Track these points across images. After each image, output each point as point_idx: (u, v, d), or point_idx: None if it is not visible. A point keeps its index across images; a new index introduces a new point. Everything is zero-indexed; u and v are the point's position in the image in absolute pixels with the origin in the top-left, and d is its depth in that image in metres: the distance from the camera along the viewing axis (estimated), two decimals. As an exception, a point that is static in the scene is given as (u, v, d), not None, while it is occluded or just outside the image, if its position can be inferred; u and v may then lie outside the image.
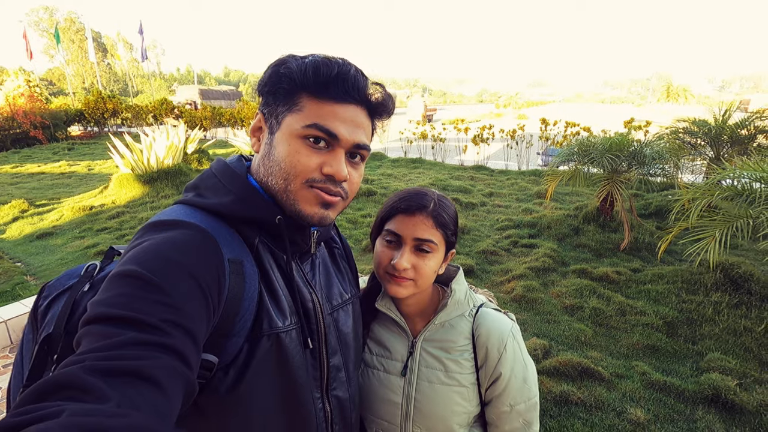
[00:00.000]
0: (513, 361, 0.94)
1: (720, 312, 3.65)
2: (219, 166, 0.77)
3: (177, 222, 0.64)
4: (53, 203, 8.11)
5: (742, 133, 5.69)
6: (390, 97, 0.77)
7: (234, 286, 0.65)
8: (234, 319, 0.65)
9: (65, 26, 55.85)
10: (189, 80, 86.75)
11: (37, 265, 5.25)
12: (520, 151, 10.97)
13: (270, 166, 0.71)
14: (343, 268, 0.93)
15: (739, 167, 3.72)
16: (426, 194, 0.96)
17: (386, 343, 1.02)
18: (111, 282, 0.55)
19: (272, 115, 0.72)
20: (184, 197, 0.74)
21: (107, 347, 0.46)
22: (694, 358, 3.22)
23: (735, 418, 2.60)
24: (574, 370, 2.95)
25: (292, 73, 0.69)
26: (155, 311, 0.51)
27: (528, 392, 0.96)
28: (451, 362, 0.95)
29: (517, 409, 0.95)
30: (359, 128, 0.73)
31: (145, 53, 24.51)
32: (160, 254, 0.58)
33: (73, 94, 29.30)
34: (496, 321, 0.97)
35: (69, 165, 12.22)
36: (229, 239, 0.68)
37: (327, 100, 0.69)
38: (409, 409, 0.95)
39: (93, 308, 0.51)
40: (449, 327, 0.98)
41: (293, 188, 0.70)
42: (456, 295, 0.99)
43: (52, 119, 17.81)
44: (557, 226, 5.83)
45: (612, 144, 5.39)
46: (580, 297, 4.04)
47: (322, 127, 0.68)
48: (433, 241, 0.92)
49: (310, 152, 0.69)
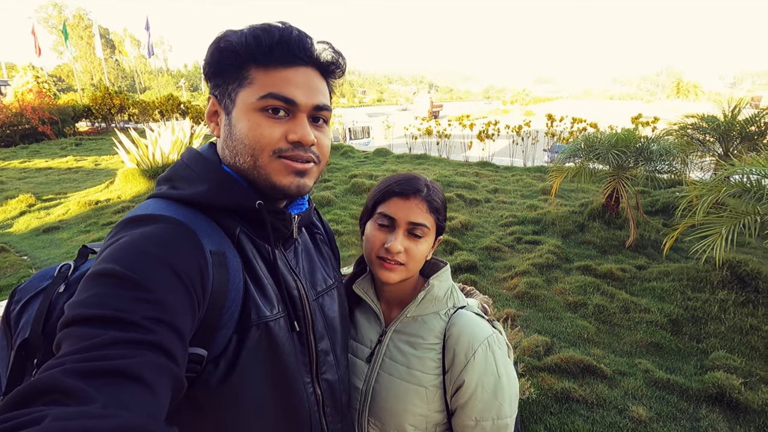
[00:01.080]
0: (482, 372, 0.87)
1: (726, 310, 3.59)
2: (190, 155, 0.74)
3: (153, 216, 0.62)
4: (60, 198, 8.20)
5: (751, 129, 5.58)
6: (340, 54, 0.74)
7: (218, 278, 0.63)
8: (221, 312, 0.64)
9: (74, 23, 56.21)
10: (196, 76, 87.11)
11: (43, 258, 5.30)
12: (525, 147, 10.88)
13: (234, 146, 0.69)
14: (326, 253, 0.92)
15: (748, 163, 3.65)
16: (419, 179, 0.95)
17: (360, 328, 1.01)
18: (88, 282, 0.53)
19: (224, 95, 0.70)
20: (157, 190, 0.72)
21: (88, 348, 0.45)
22: (698, 356, 3.17)
23: (739, 417, 2.56)
24: (576, 367, 2.93)
25: (233, 46, 0.66)
26: (136, 309, 0.50)
27: (498, 410, 0.87)
28: (415, 359, 0.92)
29: (483, 426, 0.87)
30: (315, 90, 0.71)
31: (151, 49, 24.62)
32: (137, 250, 0.56)
33: (81, 91, 29.55)
34: (471, 325, 0.91)
35: (76, 160, 12.34)
36: (208, 231, 0.66)
37: (275, 66, 0.67)
38: (367, 397, 0.94)
39: (71, 310, 0.50)
40: (421, 322, 0.95)
41: (262, 162, 0.68)
42: (434, 290, 0.95)
43: (60, 115, 17.99)
44: (562, 222, 5.78)
45: (618, 140, 5.32)
46: (583, 294, 4.01)
47: (278, 95, 0.66)
48: (426, 226, 0.91)
49: (272, 123, 0.67)
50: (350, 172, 8.92)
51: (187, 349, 0.55)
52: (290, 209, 0.78)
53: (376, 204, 0.95)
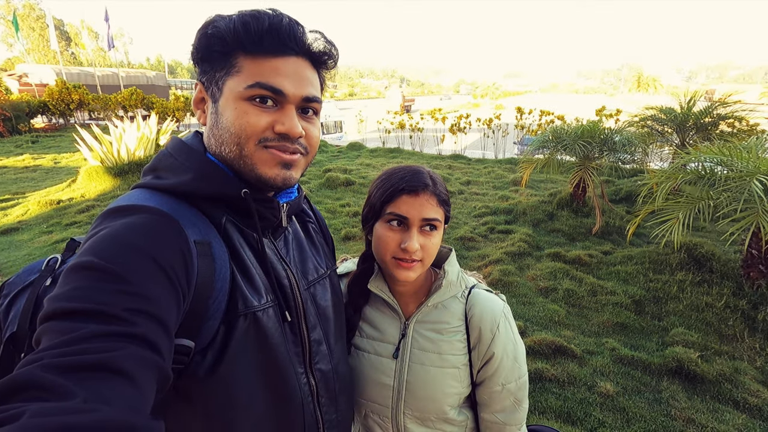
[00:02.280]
0: (505, 341, 0.94)
1: (684, 290, 3.83)
2: (174, 144, 0.73)
3: (135, 207, 0.61)
4: (18, 198, 7.77)
5: (705, 120, 5.92)
6: (333, 44, 0.73)
7: (203, 268, 0.62)
8: (207, 302, 0.63)
9: (24, 13, 52.93)
10: (160, 70, 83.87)
11: (2, 261, 5.04)
12: (496, 140, 11.12)
13: (220, 135, 0.68)
14: (318, 242, 0.91)
15: (703, 152, 3.88)
16: (423, 172, 0.93)
17: (378, 326, 1.00)
18: (68, 275, 0.51)
19: (212, 83, 0.68)
20: (142, 181, 0.70)
21: (68, 342, 0.44)
22: (659, 333, 3.38)
23: (696, 387, 2.76)
24: (548, 349, 3.06)
25: (221, 32, 0.65)
26: (117, 301, 0.49)
27: (518, 371, 0.95)
28: (444, 344, 0.94)
29: (509, 388, 0.94)
30: (305, 81, 0.69)
31: (111, 41, 23.48)
32: (117, 241, 0.55)
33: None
34: (489, 302, 0.96)
35: (33, 158, 11.69)
36: (193, 220, 0.65)
37: (264, 55, 0.66)
38: (401, 392, 0.94)
39: (50, 304, 0.49)
40: (442, 308, 0.97)
41: (248, 151, 0.67)
42: (449, 276, 0.97)
43: (14, 111, 16.94)
44: (532, 212, 5.97)
45: (584, 131, 5.53)
46: (554, 279, 4.17)
47: (266, 85, 0.65)
48: (438, 219, 0.91)
49: (259, 112, 0.66)
50: (324, 167, 8.88)
51: (172, 341, 0.54)
52: (278, 197, 0.77)
53: (384, 204, 0.91)
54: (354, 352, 1.00)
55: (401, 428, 0.96)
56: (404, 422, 0.96)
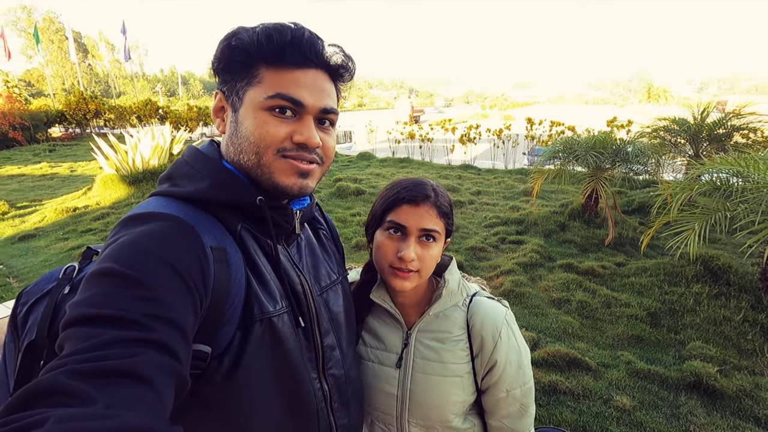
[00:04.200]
0: (508, 348, 0.94)
1: (700, 303, 3.76)
2: (191, 152, 0.74)
3: (152, 214, 0.62)
4: (35, 205, 7.94)
5: (719, 131, 5.87)
6: (350, 58, 0.75)
7: (219, 274, 0.63)
8: (223, 308, 0.64)
9: (44, 26, 54.52)
10: (173, 81, 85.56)
11: (19, 267, 5.14)
12: (506, 150, 11.11)
13: (239, 143, 0.69)
14: (330, 249, 0.92)
15: (718, 163, 3.85)
16: (426, 184, 0.95)
17: (381, 335, 1.01)
18: (88, 281, 0.53)
19: (232, 92, 0.70)
20: (158, 188, 0.72)
21: (89, 348, 0.45)
22: (676, 347, 3.32)
23: (716, 403, 2.69)
24: (562, 361, 3.02)
25: (244, 44, 0.66)
26: (136, 307, 0.50)
27: (523, 377, 0.96)
28: (446, 352, 0.95)
29: (513, 394, 0.95)
30: (323, 92, 0.71)
31: (128, 53, 24.08)
32: (136, 248, 0.56)
33: (53, 95, 28.65)
34: (490, 309, 0.97)
35: (50, 167, 11.96)
36: (209, 227, 0.66)
37: (285, 67, 0.67)
38: (405, 401, 0.95)
39: (72, 310, 0.50)
40: (444, 317, 0.97)
41: (266, 160, 0.68)
42: (450, 285, 0.98)
43: (32, 120, 17.41)
44: (544, 222, 5.94)
45: (596, 142, 5.52)
46: (566, 291, 4.13)
47: (286, 96, 0.67)
48: (437, 231, 0.91)
49: (278, 122, 0.67)
50: (334, 176, 8.95)
51: (190, 346, 0.55)
52: (292, 205, 0.78)
53: (385, 212, 0.93)
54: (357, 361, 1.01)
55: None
56: (409, 430, 0.96)
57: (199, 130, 18.83)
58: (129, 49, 24.51)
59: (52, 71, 54.07)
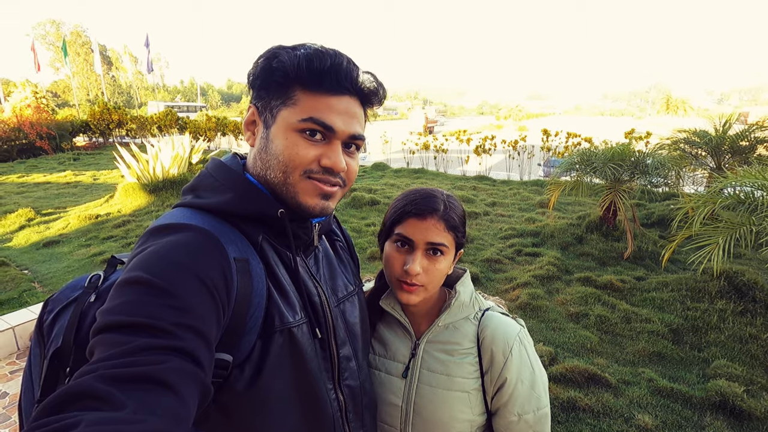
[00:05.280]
0: (519, 366, 0.91)
1: (725, 319, 3.66)
2: (215, 165, 0.76)
3: (178, 225, 0.64)
4: (59, 212, 8.18)
5: (742, 143, 5.75)
6: (381, 86, 0.77)
7: (242, 284, 0.65)
8: (245, 318, 0.65)
9: (71, 39, 56.71)
10: (193, 92, 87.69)
11: (43, 272, 5.28)
12: (521, 161, 11.04)
13: (267, 159, 0.71)
14: (346, 260, 0.93)
15: (741, 176, 3.76)
16: (435, 196, 0.94)
17: (389, 344, 1.00)
18: (118, 290, 0.55)
19: (266, 109, 0.72)
20: (183, 200, 0.74)
21: (119, 354, 0.46)
22: (700, 365, 3.22)
23: (743, 424, 2.60)
24: (580, 377, 2.96)
25: (285, 66, 0.68)
26: (165, 315, 0.51)
27: (537, 401, 0.91)
28: (454, 366, 0.92)
29: (526, 419, 0.90)
30: (354, 119, 0.73)
31: (151, 65, 24.85)
32: (164, 258, 0.58)
33: (78, 106, 29.65)
34: (502, 324, 0.94)
35: (74, 175, 12.32)
36: (232, 238, 0.67)
37: (321, 92, 0.69)
38: (409, 413, 0.93)
39: (102, 317, 0.52)
40: (453, 329, 0.96)
41: (292, 180, 0.70)
42: (461, 297, 0.96)
43: (58, 130, 18.02)
44: (560, 234, 5.86)
45: (614, 154, 5.45)
46: (584, 304, 4.06)
47: (319, 121, 0.69)
48: (445, 245, 0.90)
49: (308, 145, 0.69)
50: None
51: (213, 355, 0.56)
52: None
53: (393, 224, 0.94)
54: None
55: None
56: None
57: (217, 140, 19.21)
58: (151, 61, 25.28)
59: (77, 83, 56.05)
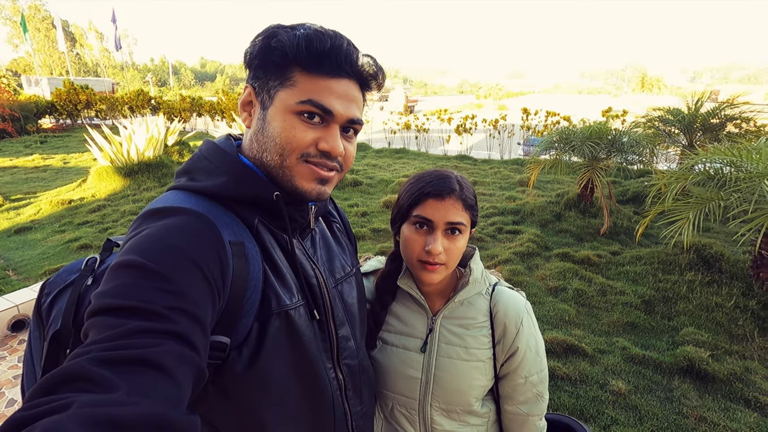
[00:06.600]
0: (528, 336, 0.99)
1: (693, 290, 3.86)
2: (208, 147, 0.75)
3: (173, 209, 0.64)
4: (29, 197, 7.87)
5: (713, 121, 5.94)
6: (381, 70, 0.76)
7: (238, 268, 0.64)
8: (241, 301, 0.65)
9: (30, 14, 53.30)
10: (164, 71, 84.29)
11: (17, 259, 5.12)
12: (502, 140, 11.14)
13: (264, 141, 0.70)
14: (343, 242, 0.94)
15: (711, 153, 3.91)
16: (450, 177, 0.96)
17: (406, 321, 1.04)
18: (112, 273, 0.54)
19: (263, 90, 0.70)
20: (176, 182, 0.72)
21: (113, 337, 0.46)
22: (670, 333, 3.41)
23: (708, 386, 2.78)
24: (559, 347, 3.10)
25: (284, 46, 0.66)
26: (159, 299, 0.51)
27: (540, 364, 1.01)
28: (470, 338, 0.99)
29: (531, 380, 0.99)
30: (353, 102, 0.72)
31: (118, 42, 23.65)
32: (158, 242, 0.57)
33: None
34: (513, 298, 1.02)
35: (43, 158, 11.82)
36: (227, 221, 0.67)
37: (320, 74, 0.68)
38: (429, 384, 0.99)
39: (96, 300, 0.51)
40: (468, 305, 1.01)
41: (289, 163, 0.69)
42: (474, 273, 1.02)
43: (22, 111, 17.13)
44: (540, 212, 6.00)
45: (592, 132, 5.56)
46: (563, 279, 4.21)
47: (317, 104, 0.67)
48: (463, 223, 0.93)
49: (306, 128, 0.68)
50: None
51: (208, 339, 0.56)
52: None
53: (411, 207, 0.95)
54: (382, 346, 1.04)
55: (428, 420, 1.00)
56: (431, 414, 1.00)
57: (192, 121, 18.59)
58: (119, 38, 24.08)
59: (40, 60, 53.03)
